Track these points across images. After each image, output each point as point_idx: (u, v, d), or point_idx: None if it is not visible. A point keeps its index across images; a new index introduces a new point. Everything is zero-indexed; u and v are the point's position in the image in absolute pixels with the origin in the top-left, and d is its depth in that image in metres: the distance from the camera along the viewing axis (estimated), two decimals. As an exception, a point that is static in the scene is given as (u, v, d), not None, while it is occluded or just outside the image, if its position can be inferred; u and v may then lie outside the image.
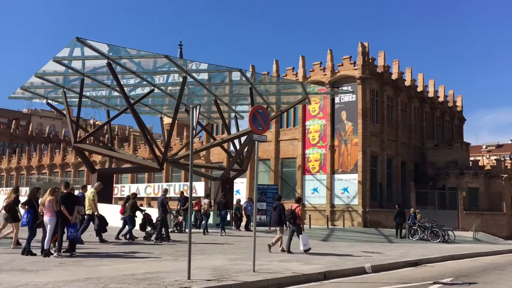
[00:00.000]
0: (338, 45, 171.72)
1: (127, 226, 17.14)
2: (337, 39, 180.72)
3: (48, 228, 11.92)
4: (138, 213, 17.75)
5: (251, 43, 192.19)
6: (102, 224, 15.77)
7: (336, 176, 34.95)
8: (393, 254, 15.87)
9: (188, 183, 41.20)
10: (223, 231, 21.98)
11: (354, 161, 34.15)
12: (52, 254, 11.90)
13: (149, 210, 24.96)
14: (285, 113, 36.84)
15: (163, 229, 17.60)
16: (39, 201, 12.35)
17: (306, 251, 14.51)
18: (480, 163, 38.37)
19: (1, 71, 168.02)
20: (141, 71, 25.32)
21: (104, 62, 23.59)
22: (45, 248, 11.91)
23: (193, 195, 35.39)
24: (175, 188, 44.23)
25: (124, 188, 48.16)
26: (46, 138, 72.99)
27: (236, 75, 27.36)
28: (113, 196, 33.17)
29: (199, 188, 42.49)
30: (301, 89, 28.90)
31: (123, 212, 17.46)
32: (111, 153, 26.27)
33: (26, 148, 65.88)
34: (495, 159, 38.13)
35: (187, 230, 20.21)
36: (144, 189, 46.02)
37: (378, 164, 35.62)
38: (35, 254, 12.05)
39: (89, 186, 18.50)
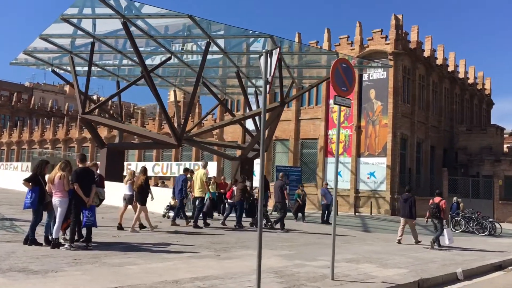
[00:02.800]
0: (366, 19, 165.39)
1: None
2: (365, 12, 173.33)
3: (58, 212, 9.40)
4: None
5: (269, 15, 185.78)
6: (211, 208, 15.14)
7: (362, 159, 32.39)
8: (462, 252, 13.41)
9: (199, 162, 38.49)
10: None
11: (382, 144, 31.57)
12: (63, 245, 9.41)
13: (166, 190, 22.59)
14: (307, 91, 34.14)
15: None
16: (46, 177, 9.82)
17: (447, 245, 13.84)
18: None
19: (1, 39, 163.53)
20: (158, 35, 22.58)
21: (116, 23, 20.87)
22: (53, 237, 9.40)
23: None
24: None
25: (130, 166, 45.63)
26: (48, 112, 70.30)
27: (258, 45, 24.71)
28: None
29: (211, 168, 39.94)
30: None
31: (230, 196, 16.33)
32: (124, 126, 23.60)
33: (28, 121, 63.21)
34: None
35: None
36: (152, 168, 43.50)
37: (407, 148, 33.05)
38: (40, 244, 9.57)
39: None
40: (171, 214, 18.79)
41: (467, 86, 41.53)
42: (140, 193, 12.89)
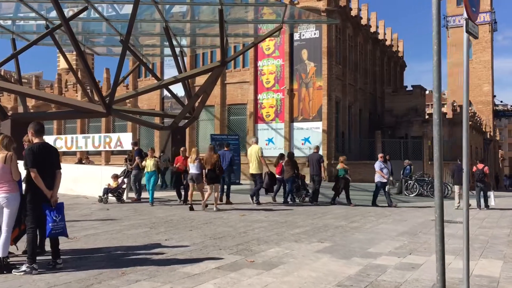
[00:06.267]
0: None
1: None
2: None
3: (6, 214, 5.96)
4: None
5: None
6: (272, 183, 14.75)
7: (296, 124, 30.63)
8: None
9: (110, 134, 34.15)
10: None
11: (317, 107, 29.97)
12: (17, 267, 5.98)
13: (97, 169, 19.10)
14: (232, 52, 31.17)
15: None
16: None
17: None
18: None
19: None
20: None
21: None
22: (0, 255, 5.94)
23: (119, 148, 29.05)
24: (94, 141, 37.07)
25: (26, 141, 39.82)
26: None
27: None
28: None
29: (125, 140, 35.63)
30: (276, 15, 23.32)
31: (280, 172, 15.61)
32: (40, 93, 19.07)
33: None
34: (458, 106, 36.27)
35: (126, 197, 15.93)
36: (54, 142, 38.00)
37: (340, 111, 31.90)
38: (-25, 267, 6.09)
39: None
40: (112, 197, 15.46)
41: (386, 48, 41.44)
42: (215, 171, 12.81)
